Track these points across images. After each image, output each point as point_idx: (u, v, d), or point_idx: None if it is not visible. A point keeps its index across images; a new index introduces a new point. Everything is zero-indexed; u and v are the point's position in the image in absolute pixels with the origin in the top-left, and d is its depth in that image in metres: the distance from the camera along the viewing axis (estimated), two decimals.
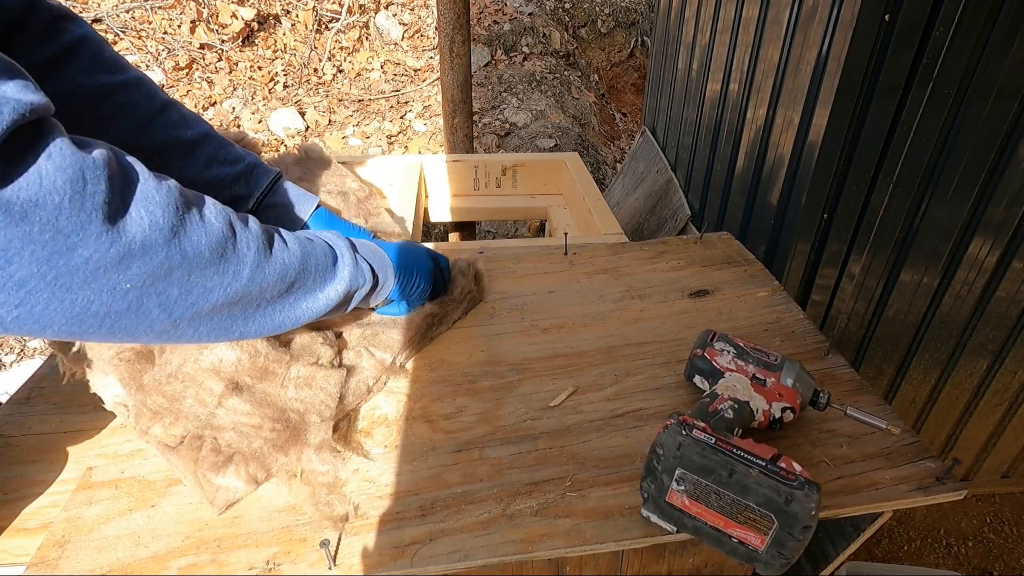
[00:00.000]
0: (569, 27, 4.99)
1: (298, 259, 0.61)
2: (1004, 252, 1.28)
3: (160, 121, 0.75)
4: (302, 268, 0.62)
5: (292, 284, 0.61)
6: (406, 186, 1.48)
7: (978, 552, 1.76)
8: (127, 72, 0.73)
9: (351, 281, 0.68)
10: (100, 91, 0.70)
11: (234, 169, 0.81)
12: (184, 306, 0.51)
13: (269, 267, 0.58)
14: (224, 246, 0.53)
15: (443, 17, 1.89)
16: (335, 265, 0.67)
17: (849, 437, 0.72)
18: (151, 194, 0.48)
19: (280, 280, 0.59)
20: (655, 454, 0.58)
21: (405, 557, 0.59)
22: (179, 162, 0.77)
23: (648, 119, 2.69)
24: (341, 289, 0.67)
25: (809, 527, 0.53)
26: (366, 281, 0.71)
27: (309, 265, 0.63)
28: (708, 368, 0.73)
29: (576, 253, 1.07)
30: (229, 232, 0.54)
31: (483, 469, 0.68)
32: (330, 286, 0.66)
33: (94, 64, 0.70)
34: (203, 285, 0.52)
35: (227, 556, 0.59)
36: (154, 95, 0.75)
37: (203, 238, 0.51)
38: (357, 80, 4.48)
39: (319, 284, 0.65)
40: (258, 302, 0.58)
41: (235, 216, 0.56)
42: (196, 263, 0.50)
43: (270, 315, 0.60)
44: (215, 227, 0.52)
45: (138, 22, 4.23)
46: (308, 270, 0.63)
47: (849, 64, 1.08)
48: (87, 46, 0.70)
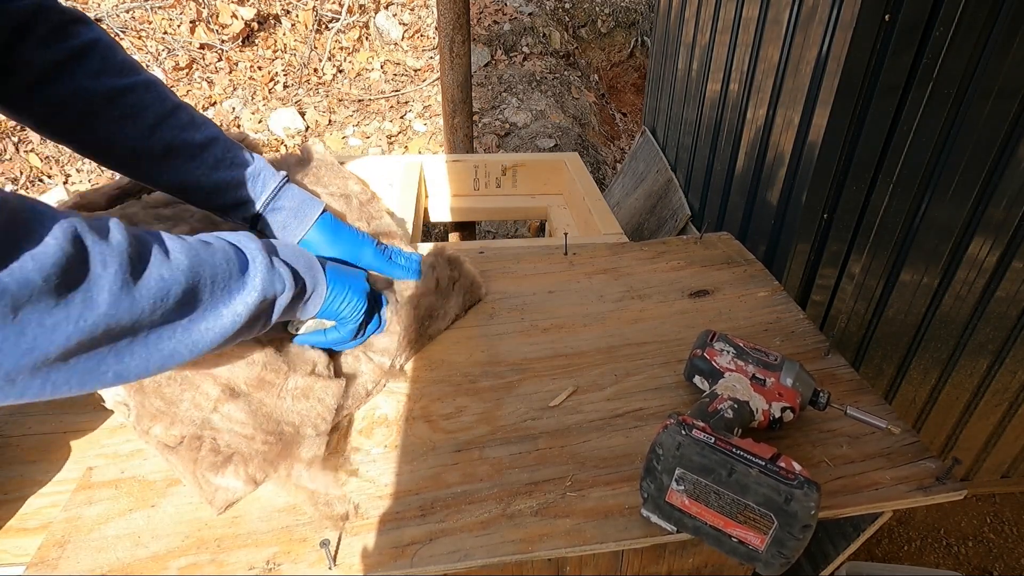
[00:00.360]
0: (569, 27, 4.99)
1: (184, 271, 0.52)
2: (1004, 252, 1.28)
3: (169, 123, 0.75)
4: (193, 282, 0.52)
5: (181, 303, 0.51)
6: (406, 186, 1.48)
7: (978, 552, 1.76)
8: (138, 75, 0.73)
9: (264, 288, 0.59)
10: (108, 95, 0.70)
11: (240, 172, 0.81)
12: (17, 354, 0.40)
13: (140, 287, 0.47)
14: (66, 269, 0.42)
15: (443, 17, 1.89)
16: (244, 272, 0.58)
17: (849, 437, 0.72)
18: None
19: (159, 300, 0.49)
20: (655, 454, 0.58)
21: (405, 557, 0.59)
22: (186, 164, 0.77)
23: (648, 119, 2.69)
24: (252, 300, 0.57)
25: (809, 526, 0.53)
26: (285, 286, 0.62)
27: (202, 276, 0.53)
28: (708, 368, 0.73)
29: (576, 253, 1.07)
30: (72, 250, 0.43)
31: (483, 469, 0.68)
32: (237, 298, 0.56)
33: (104, 68, 0.70)
34: (39, 323, 0.41)
35: (227, 556, 0.59)
36: (165, 98, 0.75)
37: (29, 263, 0.40)
38: (357, 80, 4.48)
39: (221, 298, 0.55)
40: (132, 333, 0.48)
41: (86, 227, 0.46)
42: (21, 296, 0.40)
43: (154, 346, 0.50)
44: (49, 248, 0.42)
45: (138, 22, 4.23)
46: (202, 283, 0.53)
47: (849, 64, 1.08)
48: (98, 50, 0.70)
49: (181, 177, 0.78)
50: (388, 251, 0.90)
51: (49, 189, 3.12)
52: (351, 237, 0.87)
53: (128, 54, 0.75)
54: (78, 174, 3.37)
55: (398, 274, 0.89)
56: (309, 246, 0.84)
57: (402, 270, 0.89)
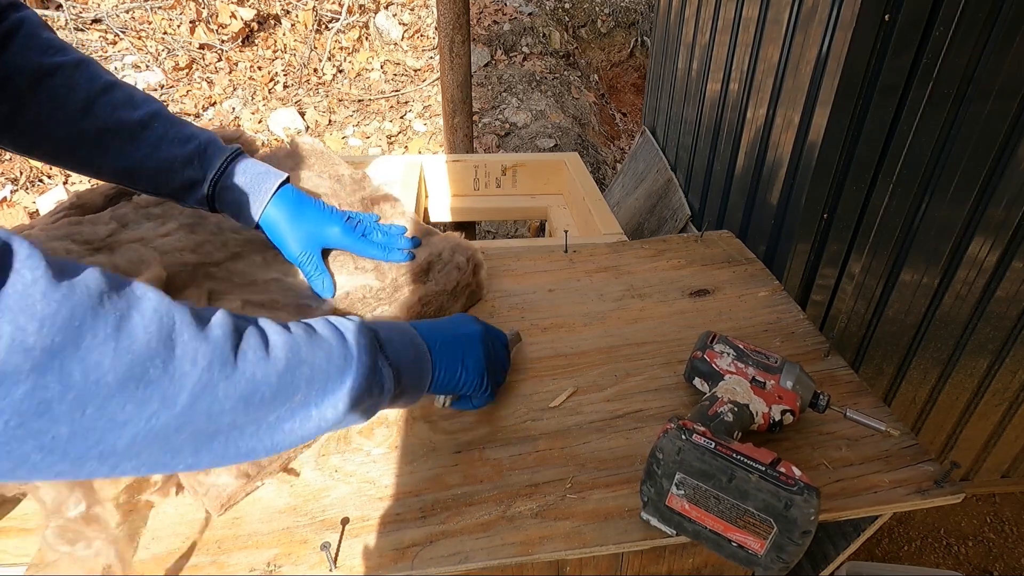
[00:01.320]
0: (569, 27, 4.98)
1: (280, 371, 0.47)
2: (1004, 252, 1.28)
3: (102, 102, 0.69)
4: (286, 381, 0.47)
5: (268, 402, 0.46)
6: (406, 186, 1.48)
7: (978, 552, 1.76)
8: (67, 54, 0.68)
9: (360, 394, 0.53)
10: (36, 73, 0.65)
11: (184, 150, 0.74)
12: (85, 446, 0.38)
13: (227, 385, 0.43)
14: (147, 367, 0.39)
15: (443, 17, 1.88)
16: (342, 372, 0.52)
17: (848, 439, 0.72)
18: (30, 302, 0.34)
19: (243, 401, 0.45)
20: (655, 458, 0.58)
21: (405, 559, 0.59)
22: (125, 146, 0.71)
23: (648, 119, 2.68)
24: (343, 407, 0.52)
25: (808, 532, 0.53)
26: (384, 391, 0.56)
27: (298, 377, 0.48)
28: (708, 370, 0.73)
29: (576, 251, 1.07)
30: (161, 346, 0.40)
31: (483, 470, 0.68)
32: (328, 401, 0.51)
33: (29, 45, 0.65)
34: (110, 419, 0.38)
35: (227, 557, 0.59)
36: (96, 76, 0.70)
37: (107, 358, 0.37)
38: (357, 80, 4.48)
39: (313, 399, 0.50)
40: (210, 431, 0.44)
41: (188, 319, 0.42)
42: (93, 393, 0.37)
43: (232, 443, 0.46)
44: (137, 342, 0.39)
45: (138, 22, 4.23)
46: (295, 383, 0.48)
47: (849, 64, 1.07)
48: (24, 28, 0.66)
49: (122, 161, 0.72)
50: (362, 227, 0.82)
51: (49, 189, 3.12)
52: (317, 212, 0.79)
53: (56, 34, 0.69)
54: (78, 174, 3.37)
55: (373, 253, 0.82)
56: (268, 221, 0.77)
57: (378, 248, 0.82)
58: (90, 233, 0.82)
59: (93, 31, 4.12)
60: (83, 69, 0.69)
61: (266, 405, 0.46)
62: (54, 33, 0.70)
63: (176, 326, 0.41)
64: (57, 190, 3.10)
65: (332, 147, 3.87)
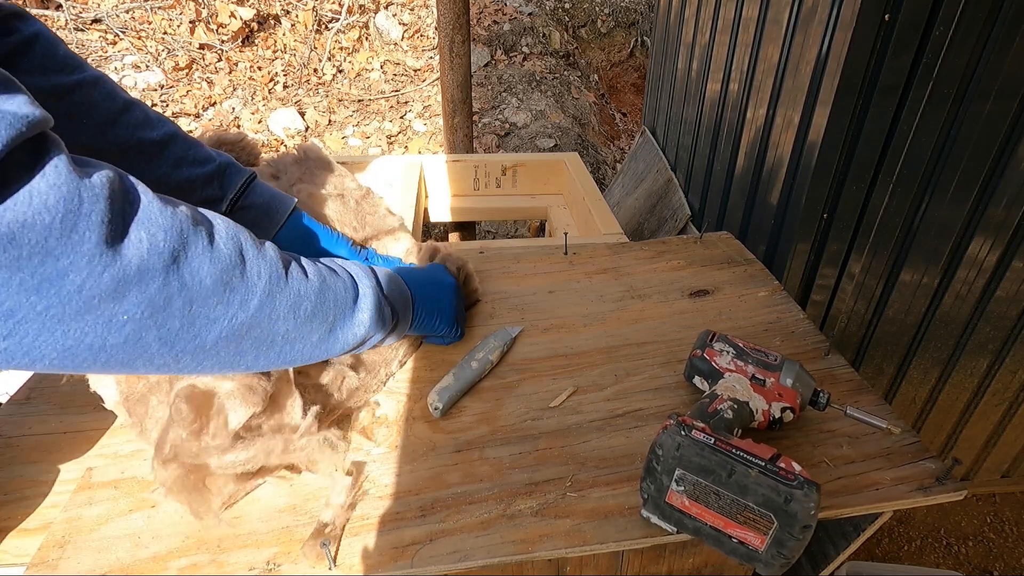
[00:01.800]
0: (569, 27, 4.98)
1: (316, 291, 0.57)
2: (1004, 252, 1.28)
3: (122, 122, 0.71)
4: (320, 300, 0.58)
5: (309, 317, 0.57)
6: (406, 186, 1.48)
7: (978, 552, 1.76)
8: (84, 71, 0.70)
9: (370, 324, 0.64)
10: (54, 91, 0.67)
11: (204, 170, 0.78)
12: (187, 339, 0.47)
13: (281, 297, 0.54)
14: (231, 274, 0.49)
15: (443, 17, 1.89)
16: (355, 303, 0.63)
17: (849, 437, 0.72)
18: (154, 216, 0.44)
19: (293, 311, 0.55)
20: (654, 455, 0.58)
21: (405, 557, 0.59)
22: (145, 164, 0.74)
23: (648, 119, 2.69)
24: (359, 333, 0.63)
25: (808, 527, 0.53)
26: (385, 324, 0.67)
27: (328, 298, 0.59)
28: (708, 369, 0.73)
29: (576, 253, 1.07)
30: (238, 259, 0.50)
31: (483, 469, 0.68)
32: (348, 324, 0.62)
33: (47, 63, 0.67)
34: (206, 316, 0.48)
35: (227, 556, 0.59)
36: (114, 95, 0.72)
37: (206, 265, 0.47)
38: (357, 80, 4.48)
39: (337, 321, 0.61)
40: (269, 335, 0.54)
41: (249, 240, 0.52)
42: (197, 292, 0.46)
43: (282, 349, 0.56)
44: (222, 254, 0.49)
45: (138, 22, 4.23)
46: (327, 304, 0.59)
47: (849, 64, 1.07)
48: (39, 45, 0.66)
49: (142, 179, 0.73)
50: (364, 252, 0.90)
51: None
52: (325, 237, 0.86)
53: (71, 49, 0.71)
54: None
55: None
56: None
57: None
58: None
59: (93, 31, 4.12)
60: (100, 87, 0.71)
61: (309, 320, 0.56)
62: (68, 48, 0.71)
63: (243, 244, 0.51)
64: None
65: (332, 147, 3.88)
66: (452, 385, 0.76)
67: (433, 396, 0.74)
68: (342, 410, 0.73)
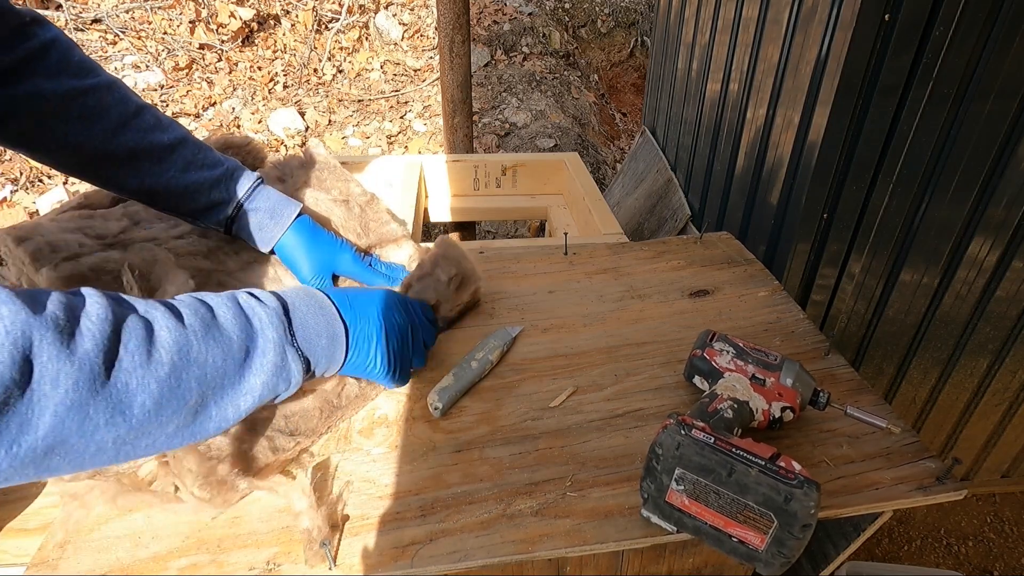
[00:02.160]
0: (569, 27, 4.99)
1: (163, 378, 0.45)
2: (1004, 252, 1.28)
3: (133, 125, 0.73)
4: (172, 387, 0.45)
5: (152, 412, 0.45)
6: (406, 186, 1.48)
7: (978, 552, 1.76)
8: (98, 76, 0.71)
9: (263, 392, 0.53)
10: (68, 95, 0.68)
11: (213, 173, 0.79)
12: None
13: (97, 401, 0.41)
14: (4, 399, 0.38)
15: (443, 17, 1.89)
16: (242, 370, 0.51)
17: (849, 437, 0.72)
18: None
19: (121, 415, 0.43)
20: (654, 454, 0.58)
21: (405, 557, 0.59)
22: (154, 167, 0.75)
23: (648, 119, 2.69)
24: (245, 406, 0.52)
25: (809, 526, 0.53)
26: (291, 385, 0.57)
27: (185, 380, 0.46)
28: (707, 368, 0.73)
29: (576, 253, 1.07)
30: (17, 375, 0.38)
31: (483, 469, 0.68)
32: (227, 400, 0.50)
33: (62, 68, 0.68)
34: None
35: (227, 556, 0.59)
36: (127, 99, 0.73)
37: None
38: (357, 80, 4.48)
39: (210, 399, 0.49)
40: (84, 448, 0.42)
41: (49, 339, 0.40)
42: None
43: (117, 453, 0.45)
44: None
45: (138, 22, 4.23)
46: (184, 388, 0.46)
47: (849, 64, 1.08)
48: (55, 50, 0.68)
49: (150, 181, 0.76)
50: (369, 258, 0.90)
51: (49, 190, 3.12)
52: (329, 242, 0.86)
53: (86, 54, 0.72)
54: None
55: (380, 281, 0.89)
56: (284, 247, 0.83)
57: (383, 278, 0.89)
58: (102, 228, 0.83)
59: (93, 31, 4.12)
60: (113, 91, 0.72)
61: (153, 415, 0.45)
62: (83, 52, 0.72)
63: (34, 347, 0.39)
64: (57, 190, 3.10)
65: (332, 147, 3.88)
66: (452, 385, 0.76)
67: (433, 396, 0.74)
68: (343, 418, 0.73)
